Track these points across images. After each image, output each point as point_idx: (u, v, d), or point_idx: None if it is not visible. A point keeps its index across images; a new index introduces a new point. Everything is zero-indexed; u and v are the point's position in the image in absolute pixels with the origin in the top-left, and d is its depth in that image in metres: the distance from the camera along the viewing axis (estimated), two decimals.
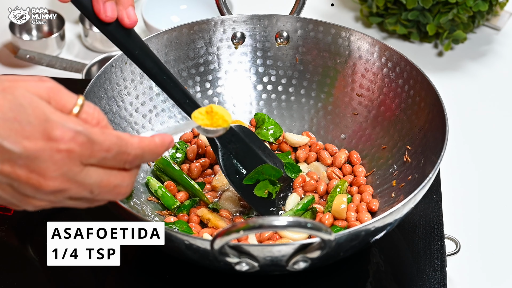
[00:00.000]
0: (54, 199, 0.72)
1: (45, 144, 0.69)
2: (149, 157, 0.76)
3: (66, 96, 0.73)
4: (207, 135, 0.91)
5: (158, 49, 1.13)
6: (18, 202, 0.72)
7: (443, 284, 1.00)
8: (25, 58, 1.38)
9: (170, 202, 1.06)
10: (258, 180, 1.05)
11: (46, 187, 0.70)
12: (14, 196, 0.72)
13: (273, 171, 1.05)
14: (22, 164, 0.69)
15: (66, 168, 0.70)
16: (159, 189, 1.06)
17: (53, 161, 0.69)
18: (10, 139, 0.68)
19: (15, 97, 0.69)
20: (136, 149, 0.74)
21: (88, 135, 0.70)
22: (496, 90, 1.41)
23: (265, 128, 1.15)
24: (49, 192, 0.70)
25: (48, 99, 0.72)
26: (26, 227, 1.06)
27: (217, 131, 0.88)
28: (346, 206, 1.03)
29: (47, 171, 0.69)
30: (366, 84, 1.14)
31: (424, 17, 1.42)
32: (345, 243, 0.88)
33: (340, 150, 1.13)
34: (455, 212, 1.16)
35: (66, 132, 0.69)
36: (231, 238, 0.80)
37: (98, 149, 0.71)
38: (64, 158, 0.69)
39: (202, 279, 1.00)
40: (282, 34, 1.17)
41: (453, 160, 1.22)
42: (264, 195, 1.05)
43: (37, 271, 1.01)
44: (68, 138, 0.69)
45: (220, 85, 1.18)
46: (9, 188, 0.71)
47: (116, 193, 0.75)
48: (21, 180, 0.69)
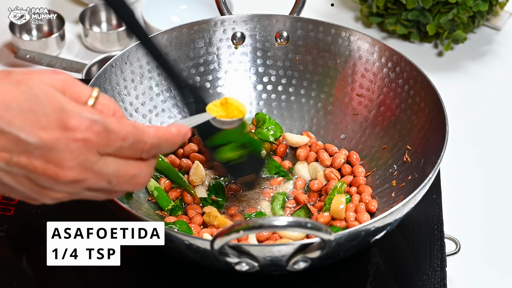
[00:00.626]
0: (72, 190, 0.71)
1: (61, 134, 0.68)
2: (165, 146, 0.75)
3: (81, 88, 0.72)
4: (222, 127, 0.90)
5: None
6: (36, 195, 0.72)
7: (443, 284, 1.00)
8: (25, 58, 1.38)
9: (164, 204, 1.06)
10: (218, 144, 1.01)
11: (63, 177, 0.69)
12: (31, 189, 0.71)
13: (236, 136, 1.01)
14: (38, 155, 0.68)
15: (83, 158, 0.69)
16: (155, 190, 1.06)
17: (70, 151, 0.69)
18: (26, 130, 0.68)
19: (30, 88, 0.69)
20: (152, 138, 0.73)
21: (104, 124, 0.70)
22: (496, 90, 1.41)
23: (266, 128, 1.15)
24: (66, 183, 0.70)
25: (63, 90, 0.71)
26: (26, 227, 1.06)
27: (233, 122, 0.87)
28: (345, 207, 1.03)
29: (64, 161, 0.69)
30: (366, 84, 1.14)
31: (424, 17, 1.42)
32: (345, 243, 0.88)
33: (339, 151, 1.13)
34: (455, 212, 1.16)
35: (82, 121, 0.69)
36: (231, 238, 0.80)
37: (114, 138, 0.70)
38: (81, 147, 0.69)
39: (202, 279, 1.00)
40: (282, 34, 1.17)
41: (453, 160, 1.22)
42: (223, 160, 1.01)
43: (37, 271, 1.01)
44: (85, 127, 0.69)
45: (220, 85, 1.18)
46: (26, 180, 0.70)
47: (134, 183, 0.74)
48: (38, 172, 0.69)
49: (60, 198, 0.73)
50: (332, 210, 1.03)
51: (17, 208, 1.08)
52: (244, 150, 1.03)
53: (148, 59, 1.12)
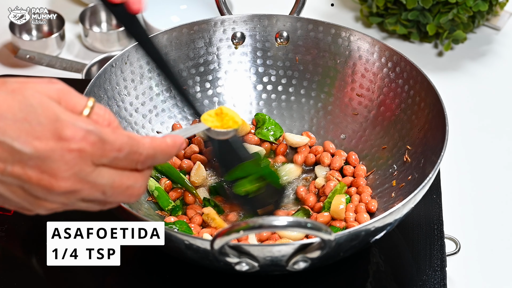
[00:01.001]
0: (66, 201, 0.71)
1: (56, 144, 0.68)
2: (161, 157, 0.75)
3: (76, 97, 0.72)
4: (217, 137, 0.89)
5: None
6: (30, 206, 0.71)
7: (443, 284, 1.00)
8: (25, 58, 1.38)
9: (165, 204, 1.06)
10: (238, 177, 1.02)
11: (58, 188, 0.69)
12: (25, 199, 0.71)
13: (255, 168, 1.02)
14: (33, 165, 0.68)
15: (78, 168, 0.69)
16: (156, 190, 1.06)
17: (64, 161, 0.68)
18: (21, 139, 0.68)
19: (25, 97, 0.69)
20: (147, 149, 0.73)
21: (99, 134, 0.70)
22: (496, 90, 1.41)
23: (266, 128, 1.15)
24: (61, 193, 0.70)
25: (58, 100, 0.71)
26: (26, 227, 1.06)
27: (228, 133, 0.87)
28: (345, 207, 1.03)
29: (58, 172, 0.68)
30: (366, 84, 1.14)
31: (424, 17, 1.42)
32: (345, 243, 0.88)
33: (339, 152, 1.13)
34: (455, 212, 1.16)
35: (77, 132, 0.69)
36: (231, 238, 0.80)
37: (109, 149, 0.70)
38: (76, 157, 0.69)
39: (202, 279, 1.00)
40: (282, 34, 1.17)
41: (453, 160, 1.22)
42: (242, 193, 1.02)
43: (37, 271, 1.01)
44: (79, 137, 0.69)
45: (220, 85, 1.18)
46: (20, 190, 0.70)
47: (129, 194, 0.74)
48: (32, 182, 0.69)
49: (54, 209, 0.72)
50: (332, 210, 1.03)
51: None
52: (263, 182, 1.03)
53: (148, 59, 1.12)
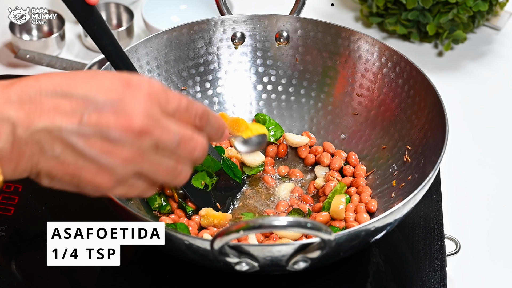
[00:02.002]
0: (141, 144, 0.74)
1: (126, 90, 0.74)
2: (213, 120, 0.80)
3: None
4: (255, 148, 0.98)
5: (158, 49, 1.13)
6: (107, 158, 0.74)
7: (443, 284, 1.00)
8: (25, 58, 1.38)
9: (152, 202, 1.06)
10: (196, 170, 1.06)
11: (134, 125, 0.73)
12: (102, 149, 0.73)
13: (212, 164, 1.06)
14: (108, 110, 0.73)
15: (149, 108, 0.74)
16: None
17: (136, 102, 0.74)
18: (93, 91, 0.73)
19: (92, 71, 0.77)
20: (202, 106, 0.79)
21: (161, 84, 0.76)
22: (496, 90, 1.41)
23: (266, 128, 1.15)
24: (136, 133, 0.73)
25: None
26: (26, 227, 1.06)
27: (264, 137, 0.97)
28: (345, 207, 1.03)
29: (132, 111, 0.73)
30: (366, 84, 1.14)
31: (424, 17, 1.42)
32: (345, 243, 0.88)
33: (339, 152, 1.13)
34: (455, 212, 1.16)
35: (143, 79, 0.75)
36: (231, 238, 0.80)
37: (172, 98, 0.76)
38: (146, 99, 0.74)
39: (202, 279, 1.00)
40: (282, 34, 1.17)
41: (453, 160, 1.22)
42: (200, 186, 1.05)
43: (37, 271, 1.01)
44: (147, 83, 0.75)
45: (220, 85, 1.18)
46: (98, 141, 0.73)
47: (196, 155, 0.78)
48: (110, 124, 0.73)
49: (130, 159, 0.74)
50: (332, 210, 1.03)
51: (17, 208, 1.08)
52: (221, 175, 1.08)
53: (148, 59, 1.12)
